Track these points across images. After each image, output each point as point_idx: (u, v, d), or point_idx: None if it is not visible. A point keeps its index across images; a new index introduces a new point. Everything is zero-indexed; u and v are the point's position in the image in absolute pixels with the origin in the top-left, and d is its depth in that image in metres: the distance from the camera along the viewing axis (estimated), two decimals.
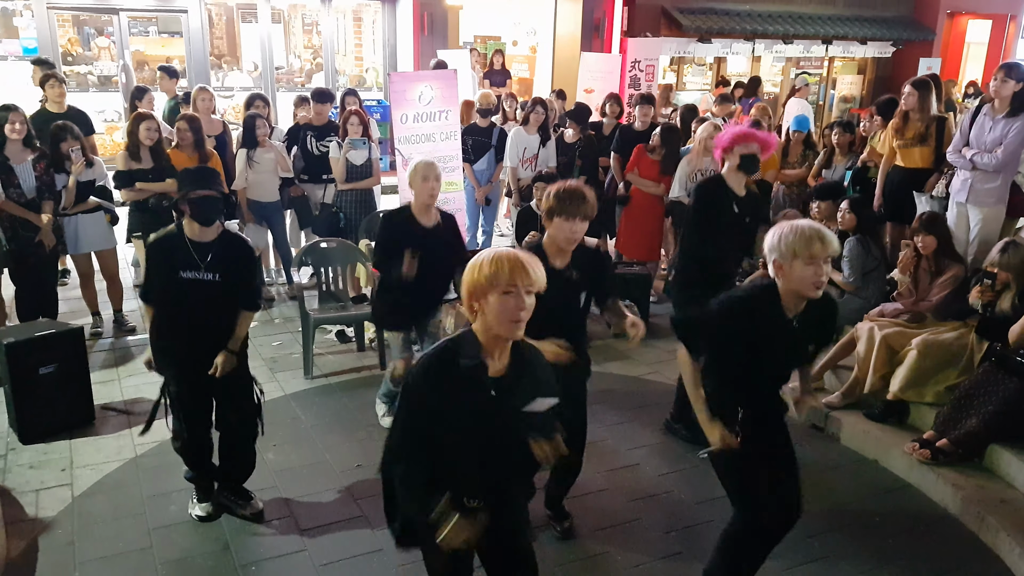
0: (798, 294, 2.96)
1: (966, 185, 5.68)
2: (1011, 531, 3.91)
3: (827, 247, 2.87)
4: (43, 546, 3.81)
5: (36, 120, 6.14)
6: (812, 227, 2.91)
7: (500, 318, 2.41)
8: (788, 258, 2.91)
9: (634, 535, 4.02)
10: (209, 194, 3.69)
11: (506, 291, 2.38)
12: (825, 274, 2.92)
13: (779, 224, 2.99)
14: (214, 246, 3.74)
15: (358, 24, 14.39)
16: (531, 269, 2.41)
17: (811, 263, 2.88)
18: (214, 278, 3.72)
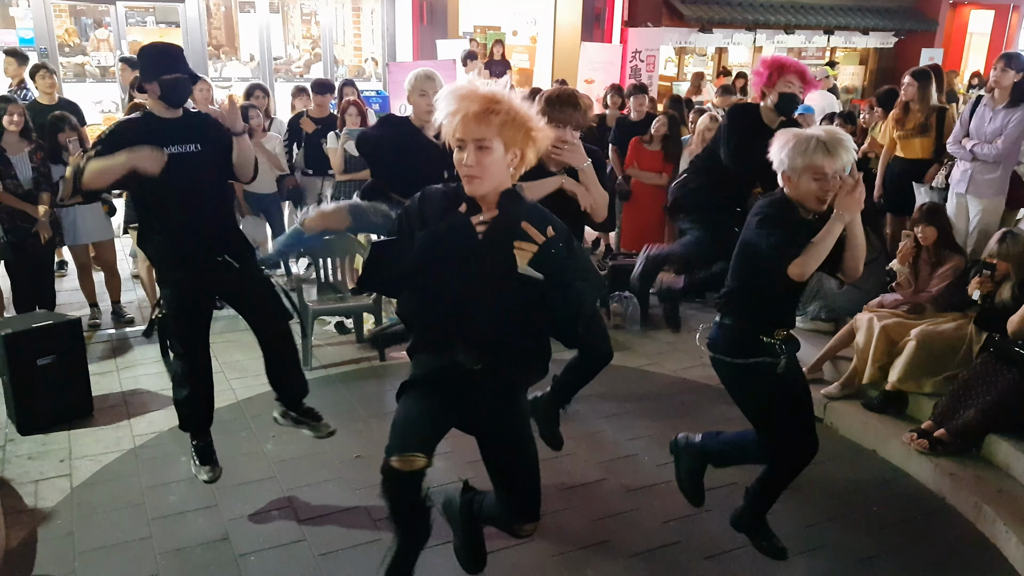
0: (803, 206, 2.96)
1: (966, 176, 5.68)
2: (1008, 521, 3.91)
3: (835, 160, 2.82)
4: (42, 536, 3.82)
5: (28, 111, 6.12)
6: (820, 137, 2.85)
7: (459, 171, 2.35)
8: (796, 171, 2.89)
9: (632, 525, 4.02)
10: (180, 76, 3.64)
11: (457, 145, 2.32)
12: (832, 188, 2.86)
13: (785, 132, 2.95)
14: (185, 121, 3.72)
15: (357, 14, 14.35)
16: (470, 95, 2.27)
17: (818, 178, 2.85)
18: (197, 148, 3.67)
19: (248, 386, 5.30)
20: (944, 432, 4.44)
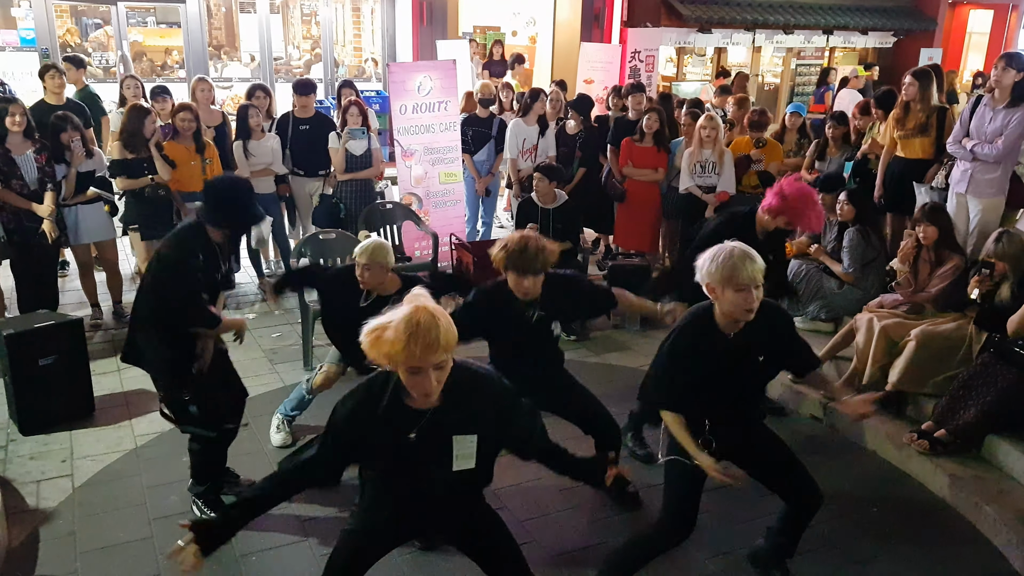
0: (732, 317, 2.99)
1: (966, 176, 5.67)
2: (1008, 521, 3.92)
3: (754, 274, 2.88)
4: (44, 536, 3.82)
5: (35, 112, 6.14)
6: (741, 253, 2.90)
7: (413, 391, 2.34)
8: (720, 284, 2.93)
9: (631, 526, 4.02)
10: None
11: (412, 371, 2.27)
12: (756, 299, 2.92)
13: (712, 248, 2.99)
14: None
15: (357, 14, 14.36)
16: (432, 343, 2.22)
17: (740, 290, 2.90)
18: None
19: (249, 386, 5.26)
20: (944, 432, 4.44)
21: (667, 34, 13.74)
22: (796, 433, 4.94)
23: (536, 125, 7.59)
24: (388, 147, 8.71)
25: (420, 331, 2.20)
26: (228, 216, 3.75)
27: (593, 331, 6.50)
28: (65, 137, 5.80)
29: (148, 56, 12.97)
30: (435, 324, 2.23)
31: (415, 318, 2.22)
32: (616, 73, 11.49)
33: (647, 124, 7.19)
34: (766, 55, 16.31)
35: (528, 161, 7.56)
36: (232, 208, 3.77)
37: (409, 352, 2.19)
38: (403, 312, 2.25)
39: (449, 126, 7.52)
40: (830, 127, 7.16)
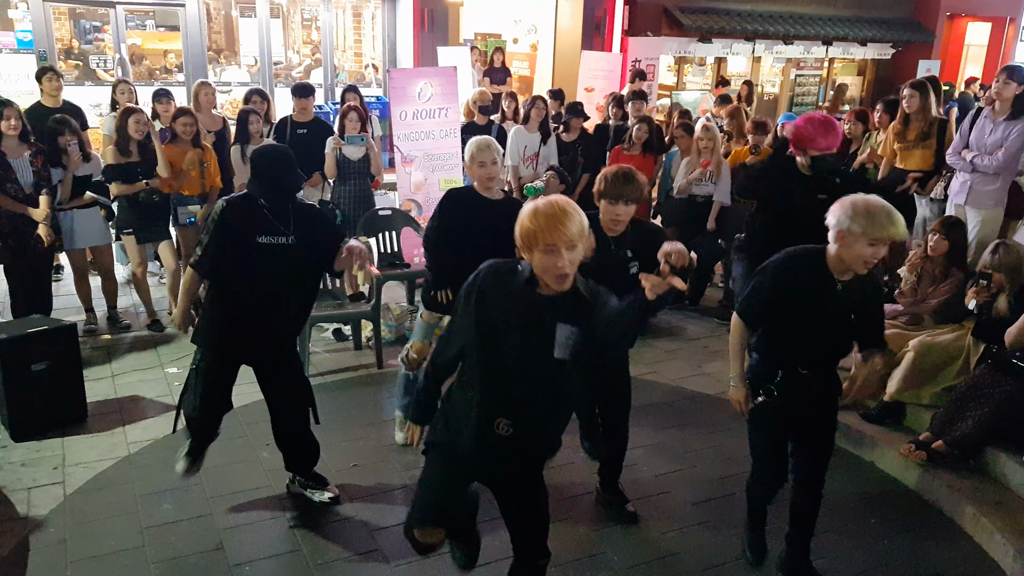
0: (848, 266, 3.12)
1: (965, 187, 5.69)
2: (1006, 533, 3.90)
3: (894, 232, 3.02)
4: (35, 544, 3.78)
5: (31, 115, 6.10)
6: (888, 209, 3.05)
7: (545, 274, 2.51)
8: (855, 233, 3.03)
9: (631, 536, 3.99)
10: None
11: (546, 250, 2.46)
12: (881, 255, 3.08)
13: (855, 197, 3.11)
14: (290, 210, 3.76)
15: (358, 19, 14.35)
16: (568, 225, 2.45)
17: (874, 244, 3.02)
18: (289, 241, 3.71)
19: (244, 393, 5.23)
20: (942, 444, 4.42)
21: (667, 43, 13.77)
22: None
23: (538, 132, 7.58)
24: (388, 153, 8.69)
25: (546, 211, 2.46)
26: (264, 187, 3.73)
27: None
28: (62, 140, 5.77)
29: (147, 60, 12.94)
30: (567, 209, 2.48)
31: (549, 201, 2.50)
32: (617, 81, 11.51)
33: (636, 135, 7.22)
34: (766, 65, 16.35)
35: (529, 168, 7.55)
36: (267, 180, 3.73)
37: (537, 228, 2.45)
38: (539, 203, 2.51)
39: (449, 132, 7.50)
40: None
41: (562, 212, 2.46)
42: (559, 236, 2.44)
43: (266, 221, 3.68)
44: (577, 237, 2.48)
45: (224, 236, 3.68)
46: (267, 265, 3.69)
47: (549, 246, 2.46)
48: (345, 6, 13.96)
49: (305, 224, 3.76)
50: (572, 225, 2.46)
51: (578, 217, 2.49)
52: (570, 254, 2.48)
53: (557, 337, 2.56)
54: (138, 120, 6.04)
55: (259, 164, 3.73)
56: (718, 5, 14.74)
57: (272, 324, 3.82)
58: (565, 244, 2.46)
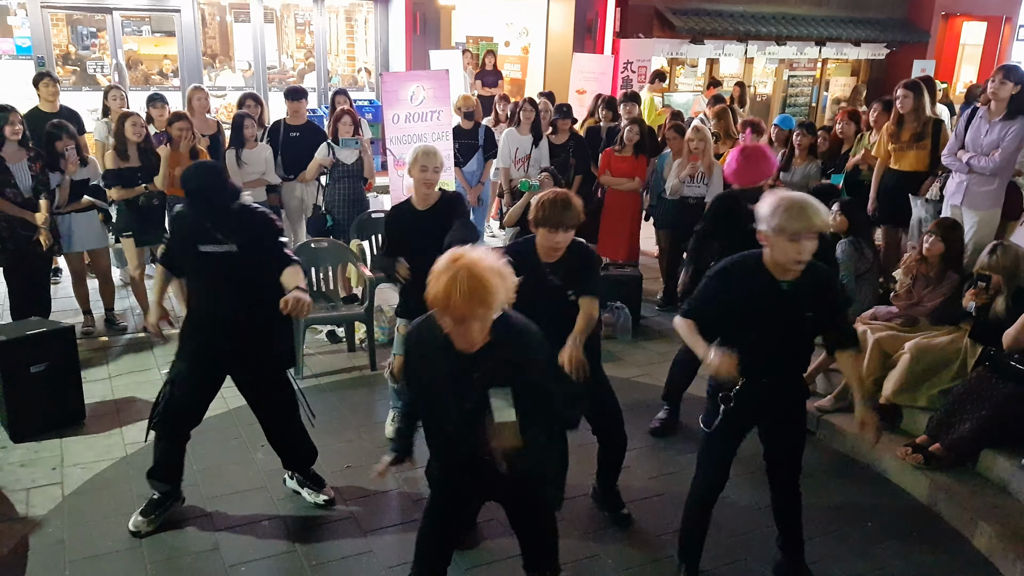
0: (780, 266, 3.06)
1: (961, 188, 5.66)
2: (1003, 536, 3.91)
3: (810, 224, 2.94)
4: (33, 545, 3.80)
5: (29, 120, 6.13)
6: (800, 202, 2.98)
7: (456, 339, 2.47)
8: (775, 232, 2.99)
9: (624, 538, 4.01)
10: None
11: (456, 321, 2.40)
12: (807, 251, 2.99)
13: (774, 193, 3.07)
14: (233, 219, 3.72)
15: (350, 24, 14.36)
16: (488, 301, 2.35)
17: (794, 240, 2.94)
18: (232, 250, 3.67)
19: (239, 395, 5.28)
20: (939, 446, 4.43)
21: (659, 45, 13.79)
22: None
23: (529, 135, 7.61)
24: (380, 156, 8.71)
25: (449, 286, 2.32)
26: (192, 204, 3.72)
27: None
28: (60, 145, 5.80)
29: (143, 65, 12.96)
30: (480, 279, 2.33)
31: (459, 270, 2.33)
32: (608, 84, 11.53)
33: (628, 136, 7.26)
34: (758, 66, 16.38)
35: (520, 171, 7.58)
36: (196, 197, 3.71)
37: (444, 304, 2.34)
38: (447, 262, 2.38)
39: (442, 135, 7.52)
40: (798, 135, 7.10)
41: (482, 288, 2.34)
42: (473, 312, 2.36)
43: (205, 231, 3.66)
44: (494, 309, 2.39)
45: (175, 243, 3.80)
46: (212, 273, 3.72)
47: (459, 318, 2.38)
48: (338, 10, 13.98)
49: (249, 232, 3.71)
50: (493, 297, 2.36)
51: (502, 284, 2.39)
52: (482, 323, 2.42)
53: (492, 404, 2.47)
54: (135, 123, 6.07)
55: (186, 182, 3.71)
56: (710, 6, 14.76)
57: (229, 331, 3.80)
58: (479, 318, 2.39)
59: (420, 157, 4.35)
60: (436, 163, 4.38)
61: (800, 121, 7.74)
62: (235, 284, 3.73)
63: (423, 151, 4.40)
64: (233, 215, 3.71)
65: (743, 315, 3.17)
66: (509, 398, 2.47)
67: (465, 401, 2.55)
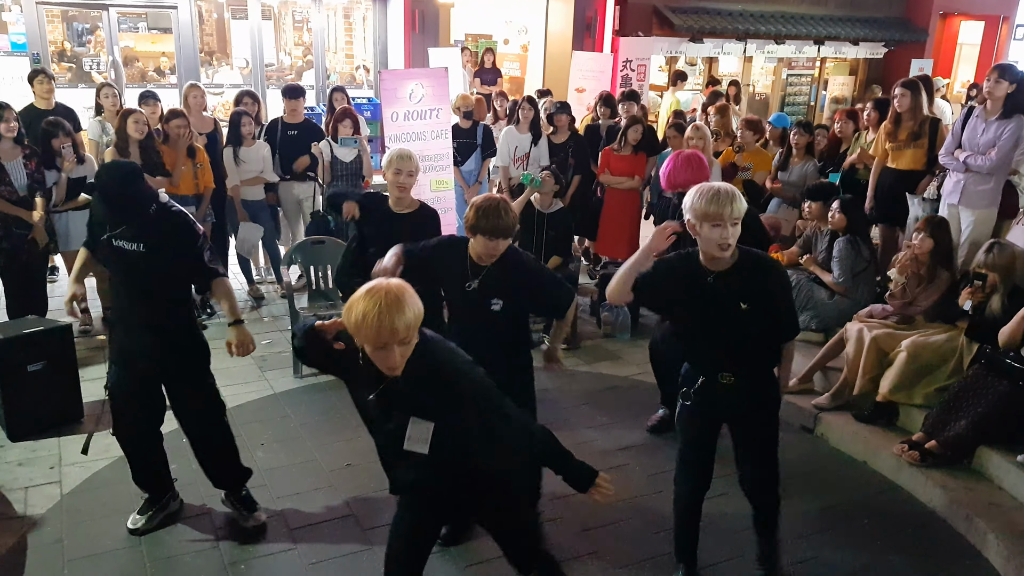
0: (708, 255, 3.08)
1: (958, 187, 5.67)
2: (999, 534, 3.93)
3: (726, 209, 2.95)
4: (32, 544, 3.80)
5: (24, 117, 6.11)
6: (718, 190, 3.00)
7: (379, 363, 2.44)
8: (697, 219, 3.02)
9: (622, 536, 4.02)
10: None
11: (376, 348, 2.37)
12: (730, 236, 3.01)
13: (697, 184, 3.11)
14: (148, 220, 3.57)
15: (348, 21, 14.35)
16: (392, 324, 2.31)
17: (716, 226, 2.98)
18: (140, 249, 3.54)
19: (238, 393, 5.29)
20: (935, 444, 4.44)
21: (658, 43, 13.79)
22: (786, 444, 4.93)
23: (528, 133, 7.60)
24: (379, 154, 8.69)
25: (369, 312, 2.30)
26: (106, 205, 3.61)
27: (583, 339, 6.51)
28: (56, 143, 5.78)
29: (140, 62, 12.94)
30: (397, 307, 2.32)
31: (378, 297, 2.32)
32: (608, 82, 11.53)
33: (632, 136, 7.26)
34: (757, 65, 16.38)
35: (520, 169, 7.57)
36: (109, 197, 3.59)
37: (361, 330, 2.33)
38: (367, 289, 2.37)
39: (440, 134, 7.51)
40: (795, 135, 7.12)
41: (396, 306, 2.31)
42: (388, 336, 2.32)
43: (118, 225, 3.56)
44: (409, 331, 2.36)
45: (96, 228, 3.69)
46: (121, 267, 3.64)
47: (378, 345, 2.35)
48: (336, 8, 13.96)
49: (163, 235, 3.57)
50: (403, 320, 2.32)
51: (412, 308, 2.36)
52: (402, 348, 2.38)
53: (409, 431, 2.49)
54: (137, 120, 6.07)
55: (97, 180, 3.61)
56: (709, 5, 14.77)
57: (141, 333, 3.67)
58: (397, 340, 2.35)
59: (395, 160, 4.37)
60: (411, 167, 4.39)
61: (797, 120, 7.75)
62: (145, 284, 3.62)
63: (398, 155, 4.41)
64: (148, 216, 3.54)
65: (675, 306, 3.25)
66: (427, 433, 2.50)
67: (388, 422, 2.57)
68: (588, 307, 7.07)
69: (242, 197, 6.88)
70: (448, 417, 2.51)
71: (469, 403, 2.53)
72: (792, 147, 7.08)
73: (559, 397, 5.44)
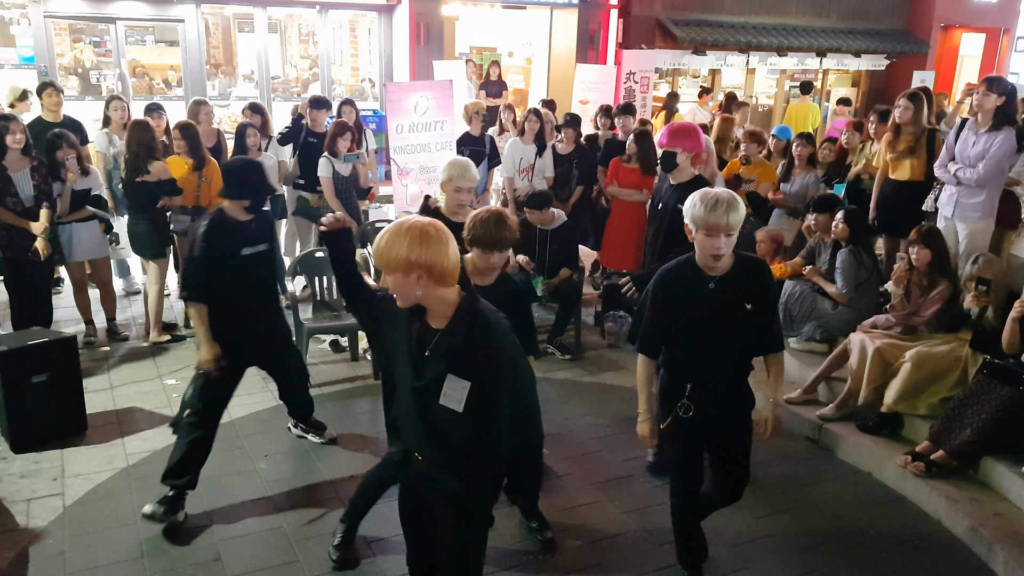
0: (703, 262, 3.16)
1: (952, 199, 5.66)
2: (1004, 544, 3.91)
3: (723, 220, 3.01)
4: (34, 556, 3.79)
5: (32, 129, 6.14)
6: (717, 199, 3.04)
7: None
8: (695, 226, 3.09)
9: (627, 547, 4.01)
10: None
11: (406, 273, 2.41)
12: (723, 246, 3.07)
13: (698, 190, 3.16)
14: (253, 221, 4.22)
15: (354, 34, 14.43)
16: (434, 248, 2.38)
17: (710, 234, 3.05)
18: (267, 248, 4.26)
19: (241, 404, 5.28)
20: (941, 454, 4.43)
21: (661, 56, 13.84)
22: (792, 455, 4.94)
23: (533, 144, 7.62)
24: (384, 166, 8.73)
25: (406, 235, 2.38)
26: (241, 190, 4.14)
27: (588, 350, 6.50)
28: (61, 154, 5.81)
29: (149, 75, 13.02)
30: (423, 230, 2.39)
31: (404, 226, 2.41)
32: (611, 94, 11.57)
33: (629, 149, 7.27)
34: (760, 77, 16.42)
35: (525, 180, 7.59)
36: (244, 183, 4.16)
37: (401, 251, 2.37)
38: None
39: (445, 145, 7.55)
40: (797, 146, 7.13)
41: (424, 236, 2.38)
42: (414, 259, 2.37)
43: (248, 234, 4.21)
44: (437, 264, 2.39)
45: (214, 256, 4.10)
46: (249, 274, 4.24)
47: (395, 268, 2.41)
48: (342, 21, 14.04)
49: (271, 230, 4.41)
50: (434, 248, 2.38)
51: (445, 242, 2.42)
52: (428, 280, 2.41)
53: (446, 387, 2.47)
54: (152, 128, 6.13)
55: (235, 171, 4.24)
56: (711, 17, 14.83)
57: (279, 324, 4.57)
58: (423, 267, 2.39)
59: (455, 176, 4.40)
60: (469, 183, 4.43)
61: (799, 132, 7.76)
62: (270, 279, 4.44)
63: (458, 167, 4.39)
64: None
65: (679, 315, 3.23)
66: (463, 392, 2.46)
67: (417, 378, 2.53)
68: (592, 317, 7.06)
69: None
70: (483, 382, 2.48)
71: (505, 376, 2.52)
72: (794, 158, 7.08)
73: (563, 408, 5.43)
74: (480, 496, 2.69)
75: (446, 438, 2.55)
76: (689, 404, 3.30)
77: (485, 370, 2.46)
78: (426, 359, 2.49)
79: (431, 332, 2.50)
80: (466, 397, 2.46)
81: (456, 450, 2.57)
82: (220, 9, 13.31)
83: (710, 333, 3.22)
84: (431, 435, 2.57)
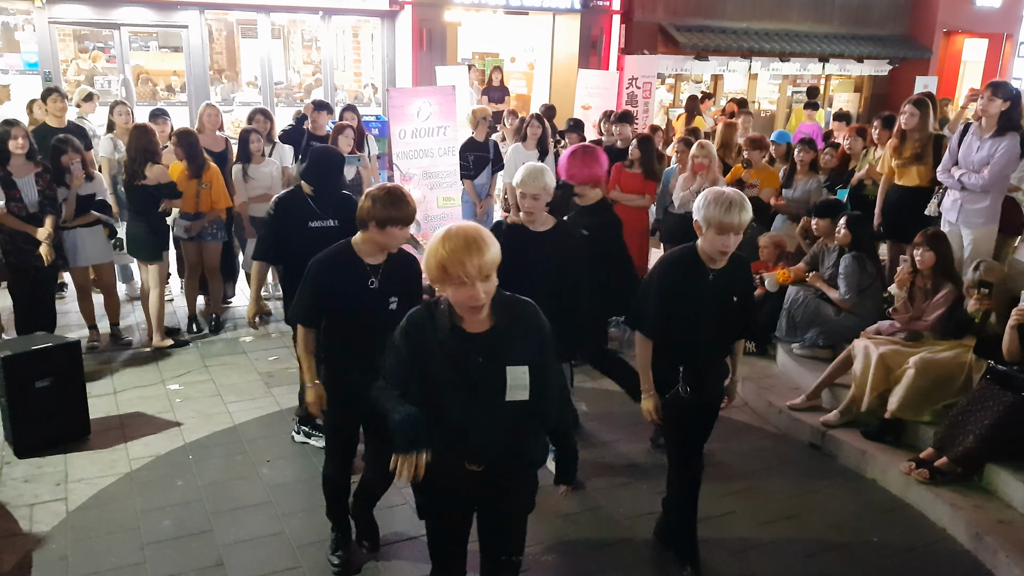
0: (708, 255, 3.35)
1: (956, 205, 5.66)
2: (1009, 551, 3.90)
3: (736, 219, 3.18)
4: (37, 561, 3.79)
5: (36, 134, 6.16)
6: (731, 200, 3.20)
7: (459, 305, 2.47)
8: (707, 225, 3.25)
9: (629, 553, 4.00)
10: None
11: (457, 284, 2.40)
12: (732, 244, 3.26)
13: (711, 189, 3.33)
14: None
15: (357, 40, 14.47)
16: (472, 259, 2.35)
17: (721, 233, 3.22)
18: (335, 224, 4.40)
19: (244, 409, 5.29)
20: (945, 460, 4.42)
21: (664, 61, 13.87)
22: (795, 461, 4.93)
23: (535, 150, 7.64)
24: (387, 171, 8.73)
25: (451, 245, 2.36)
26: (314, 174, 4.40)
27: None
28: (65, 159, 5.82)
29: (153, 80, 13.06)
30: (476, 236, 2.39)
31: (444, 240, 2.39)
32: (613, 99, 11.59)
33: (632, 154, 7.28)
34: (762, 82, 16.44)
35: None
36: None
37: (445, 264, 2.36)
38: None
39: (448, 151, 7.55)
40: (799, 152, 7.13)
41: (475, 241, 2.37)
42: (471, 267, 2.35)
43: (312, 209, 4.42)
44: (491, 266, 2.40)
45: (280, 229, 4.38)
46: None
47: (460, 280, 2.37)
48: (345, 27, 14.08)
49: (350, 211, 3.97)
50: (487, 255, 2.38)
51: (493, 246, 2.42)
52: (485, 284, 2.40)
53: (508, 380, 2.49)
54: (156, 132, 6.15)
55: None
56: (714, 23, 14.86)
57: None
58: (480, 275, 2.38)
59: (523, 181, 4.18)
60: (535, 189, 4.14)
61: (801, 137, 7.77)
62: None
63: (528, 172, 4.18)
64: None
65: (681, 303, 3.41)
66: (525, 378, 2.50)
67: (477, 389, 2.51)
68: None
69: (250, 214, 6.90)
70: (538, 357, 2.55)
71: (550, 345, 2.60)
72: (796, 164, 7.09)
73: None
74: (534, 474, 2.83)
75: (518, 433, 2.60)
76: (685, 385, 3.47)
77: (536, 344, 2.56)
78: (480, 365, 2.50)
79: (471, 339, 2.50)
80: (528, 380, 2.51)
81: (526, 442, 2.66)
82: (224, 15, 13.36)
83: (706, 320, 3.42)
84: (507, 437, 2.59)
